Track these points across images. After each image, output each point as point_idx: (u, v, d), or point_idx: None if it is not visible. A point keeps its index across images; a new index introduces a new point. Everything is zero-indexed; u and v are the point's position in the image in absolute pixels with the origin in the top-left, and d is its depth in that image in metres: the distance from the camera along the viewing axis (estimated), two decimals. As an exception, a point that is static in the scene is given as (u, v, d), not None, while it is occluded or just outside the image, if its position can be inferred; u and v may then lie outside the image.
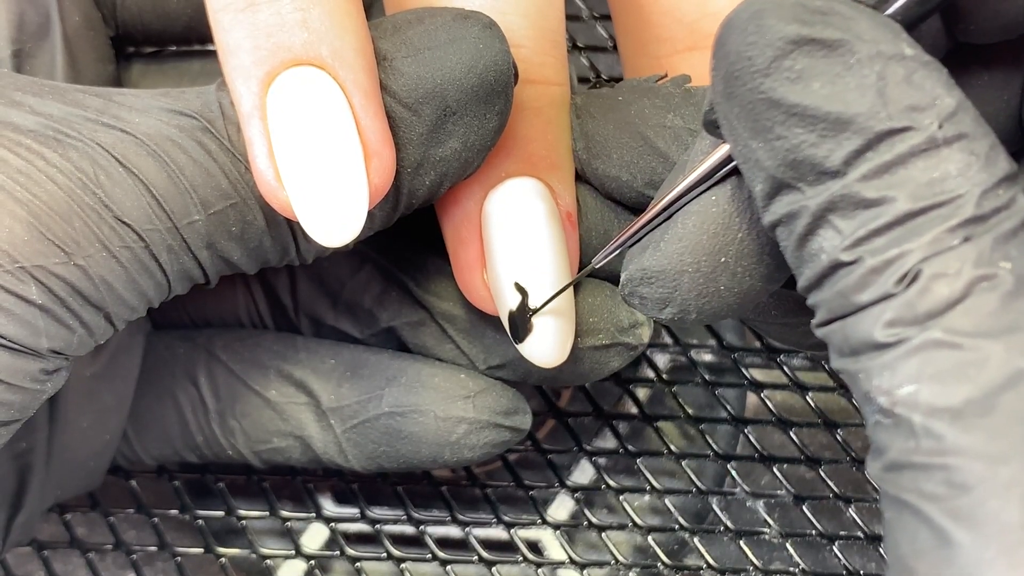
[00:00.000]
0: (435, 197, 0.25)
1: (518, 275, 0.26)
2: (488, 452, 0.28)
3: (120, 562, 0.34)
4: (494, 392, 0.28)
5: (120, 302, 0.23)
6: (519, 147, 0.26)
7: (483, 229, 0.26)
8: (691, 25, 0.29)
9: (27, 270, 0.21)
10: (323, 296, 0.30)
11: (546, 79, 0.26)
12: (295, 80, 0.22)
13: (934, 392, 0.16)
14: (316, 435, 0.29)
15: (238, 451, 0.30)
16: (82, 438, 0.28)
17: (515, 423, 0.28)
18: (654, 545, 0.33)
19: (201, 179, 0.23)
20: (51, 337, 0.22)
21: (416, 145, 0.24)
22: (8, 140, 0.22)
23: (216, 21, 0.22)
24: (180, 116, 0.23)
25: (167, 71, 0.31)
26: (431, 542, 0.33)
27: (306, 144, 0.22)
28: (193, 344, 0.30)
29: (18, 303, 0.21)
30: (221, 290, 0.30)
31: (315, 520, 0.34)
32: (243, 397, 0.29)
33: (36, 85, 0.23)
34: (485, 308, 0.27)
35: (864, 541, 0.33)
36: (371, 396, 0.28)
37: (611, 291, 0.28)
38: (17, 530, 0.28)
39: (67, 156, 0.22)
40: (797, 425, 0.34)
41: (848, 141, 0.17)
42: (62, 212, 0.21)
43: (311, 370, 0.29)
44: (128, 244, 0.22)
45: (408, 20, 0.24)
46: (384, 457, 0.29)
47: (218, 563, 0.33)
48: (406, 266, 0.29)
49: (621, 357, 0.28)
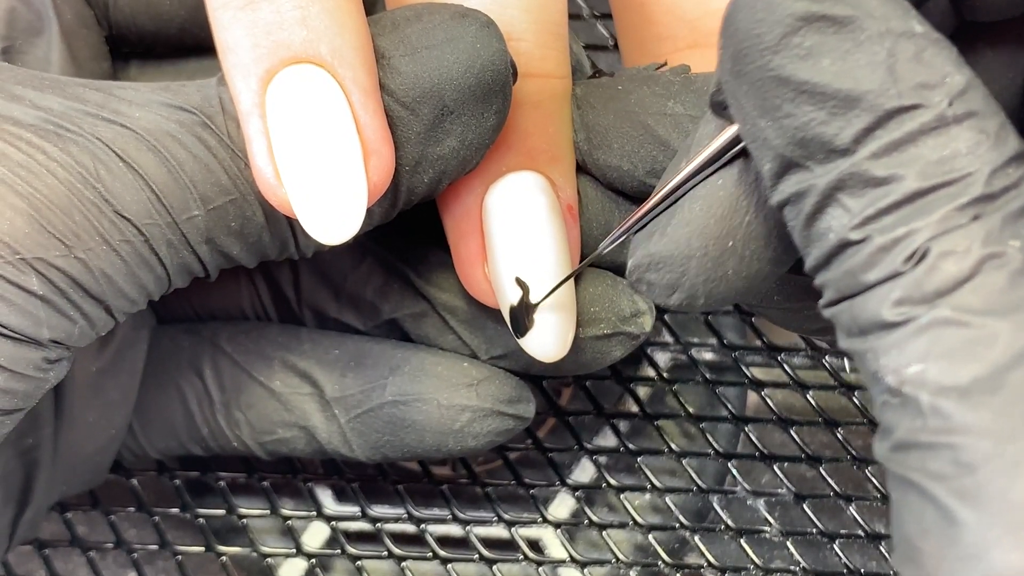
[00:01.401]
0: (434, 194, 0.25)
1: (518, 270, 0.26)
2: (492, 440, 0.28)
3: (121, 561, 0.34)
4: (497, 380, 0.28)
5: (120, 295, 0.23)
6: (519, 141, 0.26)
7: (484, 223, 0.26)
8: (692, 23, 0.29)
9: (28, 262, 0.21)
10: (326, 289, 0.30)
11: (547, 72, 0.26)
12: (294, 78, 0.22)
13: (941, 370, 0.16)
14: (320, 425, 0.29)
15: (243, 443, 0.30)
16: (88, 433, 0.29)
17: (519, 411, 0.28)
18: (655, 544, 0.33)
19: (201, 175, 0.23)
20: (52, 327, 0.22)
21: (414, 143, 0.24)
22: (9, 134, 0.22)
23: (215, 19, 0.22)
24: (180, 111, 0.23)
25: (164, 68, 0.31)
26: (432, 541, 0.33)
27: (305, 142, 0.22)
28: (198, 337, 0.30)
29: (19, 293, 0.21)
30: (225, 283, 0.30)
31: (316, 518, 0.34)
32: (248, 388, 0.29)
33: (36, 79, 0.23)
34: (486, 301, 0.27)
35: (864, 540, 0.33)
36: (374, 385, 0.28)
37: (612, 280, 0.28)
38: (24, 526, 0.28)
39: (67, 150, 0.22)
40: (798, 424, 0.34)
41: (857, 119, 0.17)
42: (62, 206, 0.22)
43: (315, 360, 0.29)
44: (128, 238, 0.22)
45: (406, 17, 0.24)
46: (388, 446, 0.29)
47: (219, 562, 0.33)
48: (407, 258, 0.29)
49: (623, 346, 0.28)
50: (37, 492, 0.28)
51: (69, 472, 0.29)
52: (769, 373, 0.34)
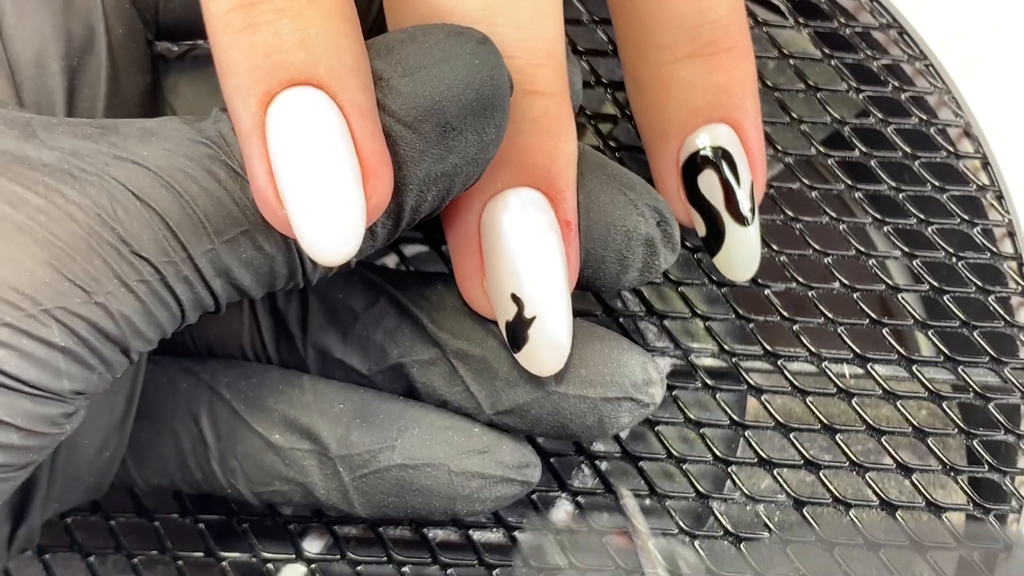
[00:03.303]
0: (438, 211, 0.25)
1: (514, 286, 0.26)
2: (498, 505, 0.29)
3: (121, 566, 0.34)
4: (506, 446, 0.29)
5: (138, 335, 0.23)
6: (515, 158, 0.26)
7: (482, 239, 0.26)
8: (691, 32, 0.29)
9: (49, 312, 0.21)
10: (334, 328, 0.30)
11: (539, 90, 0.26)
12: (293, 100, 0.22)
13: None
14: (319, 483, 0.29)
15: (237, 490, 0.29)
16: (82, 455, 0.28)
17: (526, 476, 0.29)
18: (654, 549, 0.33)
19: (213, 208, 0.23)
20: (72, 378, 0.22)
21: (417, 162, 0.24)
22: (25, 178, 0.22)
23: (215, 41, 0.22)
24: (188, 144, 0.23)
25: (208, 69, 0.31)
26: (432, 545, 0.33)
27: (304, 163, 0.22)
28: (196, 380, 0.30)
29: (40, 347, 0.21)
30: (225, 316, 0.30)
31: (316, 524, 0.34)
32: (245, 439, 0.29)
33: (42, 119, 0.23)
34: (485, 314, 0.27)
35: (864, 547, 0.33)
36: (382, 447, 0.28)
37: (628, 345, 0.28)
38: (20, 539, 0.28)
39: (85, 192, 0.22)
40: (797, 429, 0.34)
41: None
42: (82, 251, 0.21)
43: (318, 415, 0.29)
44: (145, 278, 0.22)
45: (400, 40, 0.24)
46: (392, 507, 0.29)
47: (219, 567, 0.33)
48: (421, 302, 0.29)
49: (631, 414, 0.28)
50: (33, 509, 0.28)
51: (65, 491, 0.29)
52: (768, 379, 0.34)
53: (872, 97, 0.36)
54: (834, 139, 0.36)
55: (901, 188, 0.35)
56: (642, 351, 0.29)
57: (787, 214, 0.35)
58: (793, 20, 0.37)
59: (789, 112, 0.36)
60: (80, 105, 0.28)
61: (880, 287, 0.35)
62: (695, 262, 0.35)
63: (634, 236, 0.27)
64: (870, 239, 0.37)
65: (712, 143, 0.29)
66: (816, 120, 0.36)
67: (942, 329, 0.34)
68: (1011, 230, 0.35)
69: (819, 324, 0.34)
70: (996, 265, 0.35)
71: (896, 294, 0.35)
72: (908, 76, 0.37)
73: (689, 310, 0.34)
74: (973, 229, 0.35)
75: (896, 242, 0.35)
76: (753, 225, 0.30)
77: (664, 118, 0.30)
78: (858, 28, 0.37)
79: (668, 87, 0.29)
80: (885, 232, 0.35)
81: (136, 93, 0.29)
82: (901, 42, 0.37)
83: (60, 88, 0.27)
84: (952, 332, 0.34)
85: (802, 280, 0.35)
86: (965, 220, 0.35)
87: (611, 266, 0.28)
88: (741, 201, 0.29)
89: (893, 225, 0.35)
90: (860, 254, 0.35)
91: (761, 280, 0.34)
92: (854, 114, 0.37)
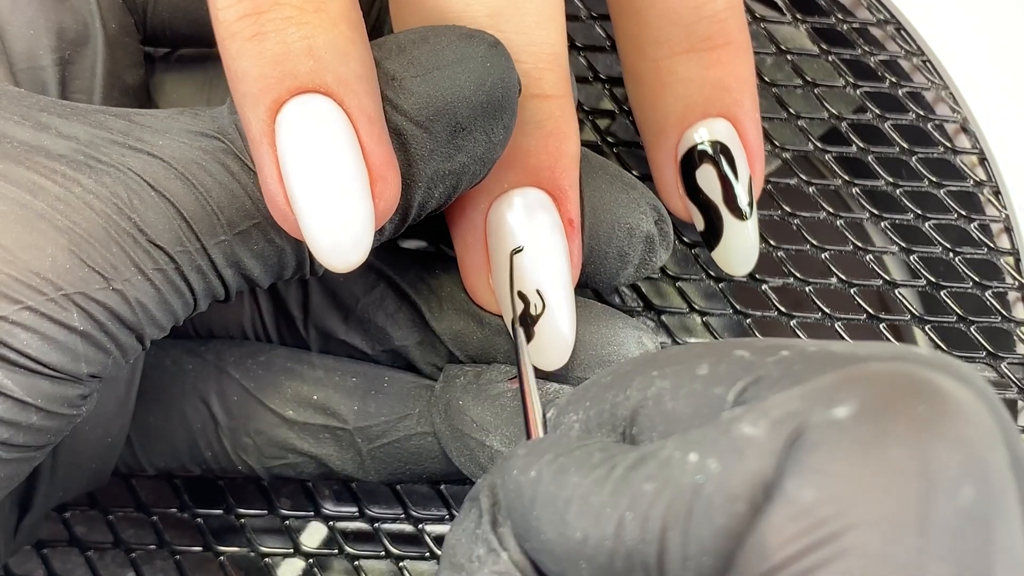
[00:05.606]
0: (444, 207, 0.26)
1: (519, 284, 0.26)
2: None
3: (119, 560, 0.34)
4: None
5: (152, 322, 0.23)
6: (521, 158, 0.26)
7: (487, 237, 0.27)
8: (688, 28, 0.29)
9: (70, 297, 0.22)
10: (336, 310, 0.30)
11: (545, 92, 0.26)
12: (301, 107, 0.22)
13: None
14: (335, 454, 0.29)
15: (247, 465, 0.30)
16: (85, 442, 0.29)
17: None
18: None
19: (226, 200, 0.23)
20: (90, 362, 0.23)
21: (427, 160, 0.24)
22: (43, 167, 0.22)
23: (224, 48, 0.23)
24: (202, 137, 0.23)
25: (193, 72, 0.31)
26: (430, 540, 0.33)
27: (313, 169, 0.22)
28: (202, 360, 0.30)
29: (61, 331, 0.22)
30: None
31: (314, 518, 0.34)
32: (258, 416, 0.29)
33: (58, 106, 0.24)
34: (490, 309, 0.28)
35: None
36: (402, 416, 0.29)
37: (623, 322, 0.29)
38: (24, 531, 0.28)
39: (101, 181, 0.22)
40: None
41: None
42: (100, 238, 0.22)
43: (332, 389, 0.29)
44: (161, 266, 0.23)
45: (412, 40, 0.24)
46: (408, 474, 0.29)
47: (217, 561, 0.33)
48: (420, 287, 0.29)
49: None
50: (37, 499, 0.28)
51: (69, 479, 0.29)
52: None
53: (869, 93, 0.37)
54: (832, 135, 0.37)
55: (898, 184, 0.36)
56: (636, 324, 0.29)
57: (785, 210, 0.35)
58: (791, 16, 0.37)
59: (787, 108, 0.36)
60: (73, 98, 0.28)
61: (877, 282, 0.35)
62: (693, 257, 0.35)
63: (636, 233, 0.28)
64: (867, 235, 0.37)
65: (710, 138, 0.29)
66: (814, 116, 0.36)
67: (939, 324, 0.35)
68: (1008, 226, 0.35)
69: (816, 319, 0.34)
70: (993, 261, 0.35)
71: (893, 289, 0.35)
72: (905, 72, 0.37)
73: (687, 305, 0.34)
74: (970, 225, 0.35)
75: (893, 237, 0.35)
76: (751, 220, 0.30)
77: (662, 113, 0.30)
78: (855, 24, 0.37)
79: (666, 82, 0.30)
80: (882, 228, 0.35)
81: (132, 86, 0.29)
82: (898, 38, 0.37)
83: (53, 80, 0.27)
84: (949, 327, 0.34)
85: (800, 275, 0.35)
86: (962, 216, 0.35)
87: (612, 262, 0.28)
88: (739, 196, 0.30)
89: (890, 221, 0.35)
90: (857, 249, 0.35)
91: (759, 275, 0.34)
92: (852, 110, 0.37)
